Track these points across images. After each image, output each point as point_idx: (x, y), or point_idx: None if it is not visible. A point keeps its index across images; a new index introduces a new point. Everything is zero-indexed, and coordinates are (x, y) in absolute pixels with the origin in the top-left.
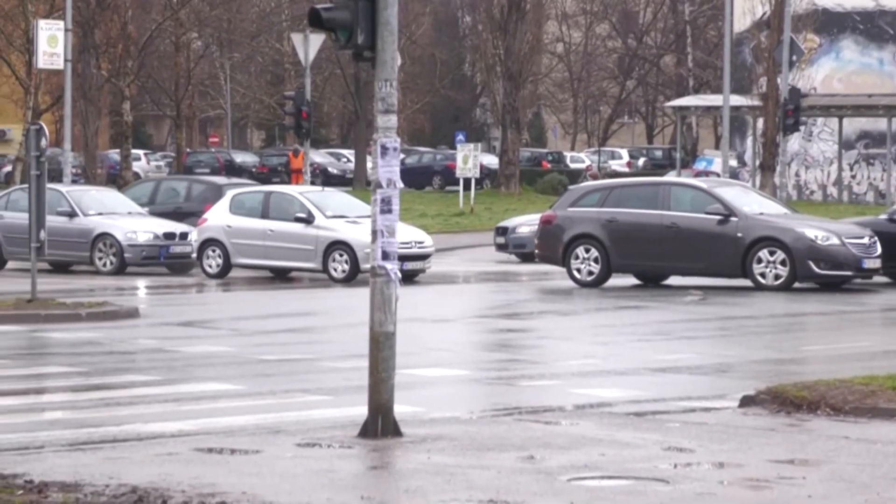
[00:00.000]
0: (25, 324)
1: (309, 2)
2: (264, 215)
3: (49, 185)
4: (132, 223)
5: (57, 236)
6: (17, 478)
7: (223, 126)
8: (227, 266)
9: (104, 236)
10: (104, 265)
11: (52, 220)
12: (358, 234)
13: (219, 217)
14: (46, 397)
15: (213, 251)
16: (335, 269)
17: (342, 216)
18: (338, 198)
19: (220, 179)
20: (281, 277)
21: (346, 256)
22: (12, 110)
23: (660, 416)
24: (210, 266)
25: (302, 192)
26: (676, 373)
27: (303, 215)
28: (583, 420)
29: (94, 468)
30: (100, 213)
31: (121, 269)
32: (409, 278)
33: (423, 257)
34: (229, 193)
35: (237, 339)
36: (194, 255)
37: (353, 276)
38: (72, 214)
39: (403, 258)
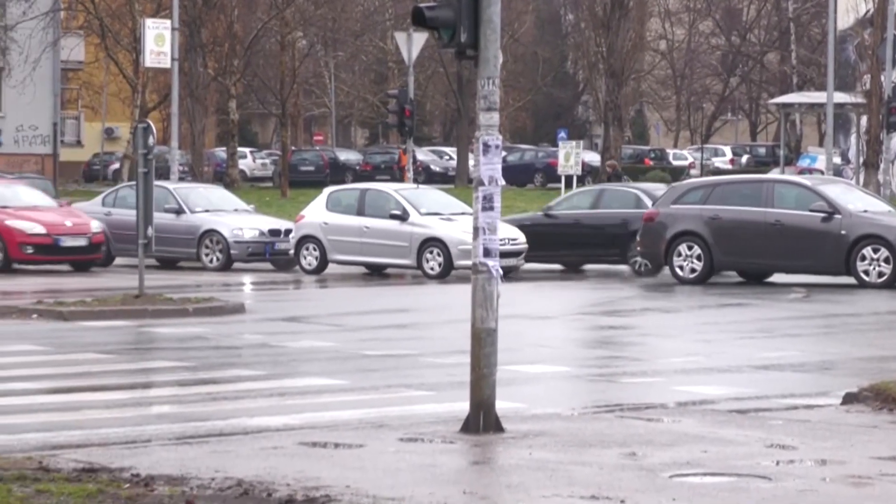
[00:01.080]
0: (133, 319)
1: (412, 1)
2: (360, 212)
3: (157, 183)
4: (238, 220)
5: (164, 233)
6: (125, 471)
7: (327, 124)
8: (323, 262)
9: (211, 233)
10: (210, 262)
11: (159, 217)
12: (452, 231)
13: (316, 214)
14: (154, 392)
15: (310, 248)
16: (429, 266)
17: (437, 213)
18: (433, 195)
19: None
20: (376, 274)
21: (440, 253)
22: (120, 108)
23: (762, 414)
24: (307, 262)
25: (397, 190)
26: (779, 370)
27: (398, 212)
28: (685, 417)
29: (200, 461)
30: (206, 210)
31: (227, 266)
32: (503, 274)
33: (517, 254)
34: (326, 191)
35: (340, 335)
36: (291, 252)
37: (446, 273)
38: (179, 211)
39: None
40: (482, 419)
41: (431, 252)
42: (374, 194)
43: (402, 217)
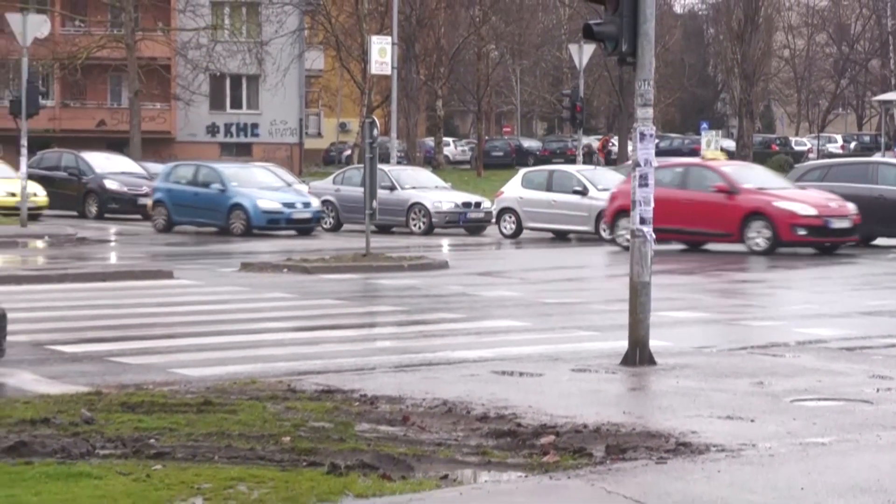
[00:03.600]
0: (361, 273)
1: (583, 18)
2: (549, 188)
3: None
4: (438, 195)
5: (381, 205)
6: (355, 392)
7: (514, 118)
8: (519, 229)
9: (417, 205)
10: (416, 228)
11: (378, 193)
12: None
13: (513, 190)
14: (377, 330)
15: (509, 217)
16: (604, 231)
17: (609, 189)
18: (608, 175)
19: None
20: (560, 238)
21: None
22: (351, 107)
23: (866, 351)
24: (506, 228)
25: (578, 170)
26: (881, 316)
27: (579, 189)
28: (803, 353)
29: (413, 385)
30: (413, 188)
31: (429, 231)
32: None
33: None
34: (521, 172)
35: (525, 286)
36: (493, 221)
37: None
38: (392, 188)
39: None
40: (638, 354)
41: (605, 222)
42: (561, 174)
43: (583, 192)
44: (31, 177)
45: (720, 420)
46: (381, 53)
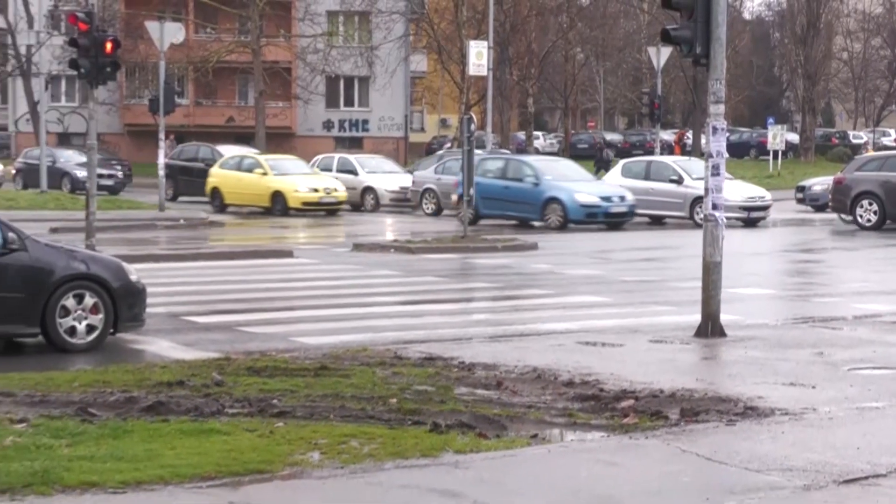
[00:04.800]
0: (459, 253)
1: (661, 24)
2: (646, 177)
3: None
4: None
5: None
6: (454, 360)
7: (597, 114)
8: None
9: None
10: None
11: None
12: None
13: (614, 179)
14: (473, 304)
15: None
16: (698, 216)
17: (703, 178)
18: (700, 164)
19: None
20: (656, 222)
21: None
22: (451, 105)
23: None
24: None
25: (675, 161)
26: None
27: (675, 178)
28: (860, 327)
29: (506, 354)
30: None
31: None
32: (753, 223)
33: (764, 208)
34: (621, 162)
35: (606, 265)
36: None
37: None
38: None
39: (750, 209)
40: (710, 327)
41: (700, 206)
42: (658, 164)
43: (678, 181)
44: (171, 167)
45: (784, 386)
46: (478, 56)
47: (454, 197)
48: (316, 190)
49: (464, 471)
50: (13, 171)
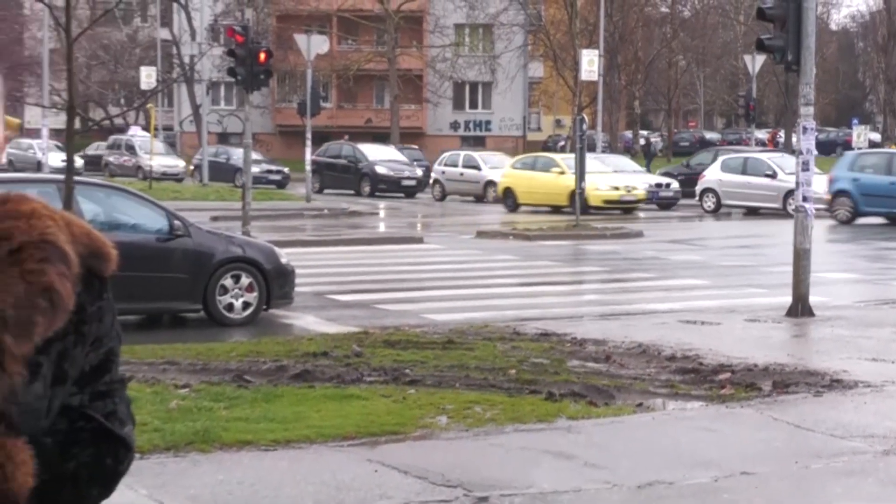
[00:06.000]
0: (571, 240)
1: (756, 34)
2: (744, 172)
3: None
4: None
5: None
6: (567, 335)
7: (698, 115)
8: (718, 205)
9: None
10: (706, 207)
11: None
12: None
13: (713, 174)
14: (584, 286)
15: (710, 195)
16: (790, 207)
17: (794, 173)
18: (792, 161)
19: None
20: (752, 213)
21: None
22: (565, 107)
23: None
24: (707, 206)
25: (769, 157)
26: None
27: (770, 173)
28: None
29: (614, 331)
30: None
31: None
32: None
33: None
34: (721, 157)
35: (706, 252)
36: (697, 199)
37: None
38: (772, 176)
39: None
40: (800, 308)
41: (792, 199)
42: (754, 160)
43: (773, 175)
44: (317, 164)
45: (867, 361)
46: (590, 63)
47: (826, 195)
48: (617, 188)
49: (576, 435)
50: (191, 168)
